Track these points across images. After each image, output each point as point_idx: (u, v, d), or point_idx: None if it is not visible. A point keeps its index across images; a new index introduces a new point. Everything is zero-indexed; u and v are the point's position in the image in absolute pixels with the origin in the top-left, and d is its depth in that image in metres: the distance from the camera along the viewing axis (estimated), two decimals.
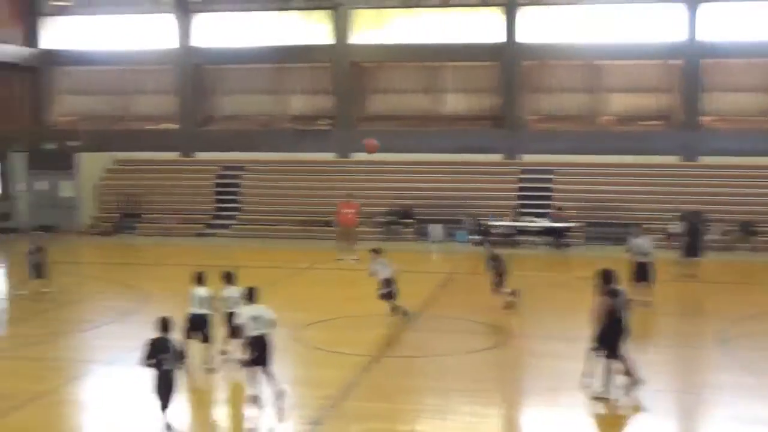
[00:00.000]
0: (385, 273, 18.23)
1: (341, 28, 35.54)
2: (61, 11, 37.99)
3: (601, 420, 12.84)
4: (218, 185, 35.10)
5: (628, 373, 13.31)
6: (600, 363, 13.28)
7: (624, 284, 14.66)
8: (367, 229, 30.98)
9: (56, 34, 38.18)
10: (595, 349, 13.31)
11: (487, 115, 35.47)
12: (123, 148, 36.62)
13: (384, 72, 36.67)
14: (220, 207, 34.39)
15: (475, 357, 16.07)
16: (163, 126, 37.70)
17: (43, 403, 13.17)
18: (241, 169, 35.45)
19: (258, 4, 36.63)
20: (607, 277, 13.56)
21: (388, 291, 18.14)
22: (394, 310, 18.25)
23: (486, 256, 20.32)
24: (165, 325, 11.56)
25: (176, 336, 12.07)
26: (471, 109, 35.70)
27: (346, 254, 26.74)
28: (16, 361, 15.69)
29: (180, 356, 11.57)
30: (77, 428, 12.72)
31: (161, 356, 11.26)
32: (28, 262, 21.39)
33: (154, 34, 37.31)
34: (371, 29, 35.85)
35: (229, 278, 15.06)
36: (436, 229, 31.42)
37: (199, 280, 14.77)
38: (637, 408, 12.91)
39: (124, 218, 34.04)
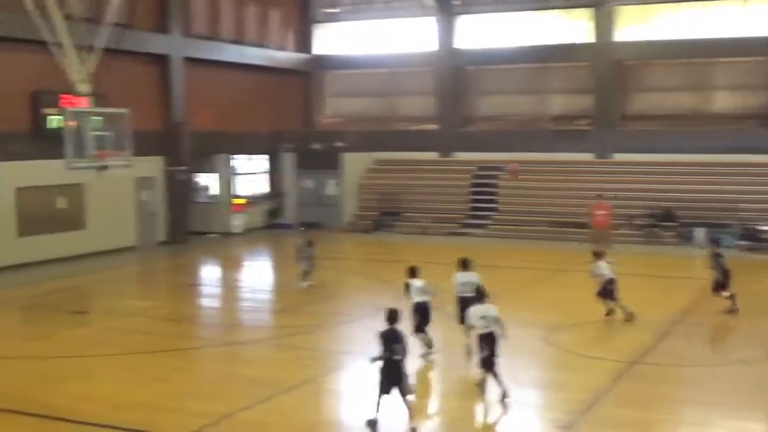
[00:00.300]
0: (607, 275, 18.32)
1: (603, 25, 34.67)
2: (330, 18, 39.86)
3: None
4: (474, 185, 35.36)
5: None
6: None
7: None
8: (625, 232, 30.15)
9: (326, 39, 40.03)
10: None
11: (759, 114, 33.37)
12: (384, 148, 37.75)
13: (647, 70, 35.44)
14: (476, 207, 34.64)
15: (738, 369, 15.13)
16: (423, 127, 38.54)
17: (304, 391, 13.79)
18: (499, 169, 35.50)
19: (518, 5, 36.57)
20: None
21: (609, 290, 18.19)
22: (611, 312, 18.30)
23: (709, 254, 19.67)
24: (393, 316, 11.86)
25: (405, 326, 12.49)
26: (741, 107, 33.70)
27: None
28: (281, 350, 16.57)
29: (407, 346, 11.78)
30: (333, 417, 13.23)
31: (393, 346, 11.53)
32: (299, 257, 22.47)
33: (416, 37, 38.25)
34: (635, 26, 34.75)
35: (464, 264, 16.01)
36: (700, 234, 29.93)
37: (413, 272, 15.70)
38: None
39: (383, 216, 35.11)
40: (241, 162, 35.82)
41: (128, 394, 13.59)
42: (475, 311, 13.17)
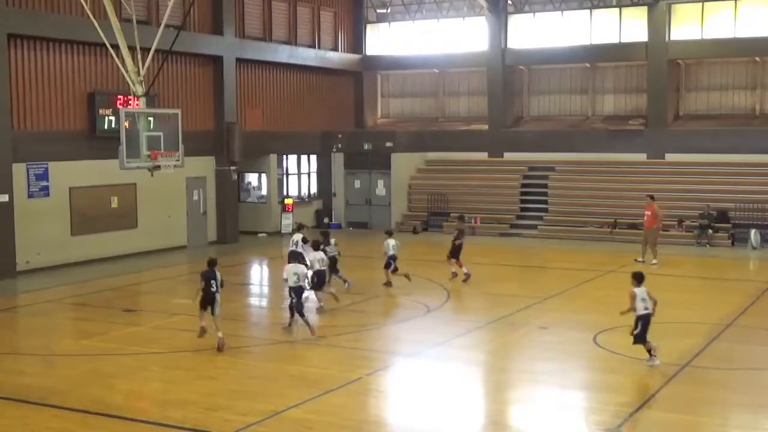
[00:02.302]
0: (389, 252, 22.15)
1: (659, 24, 34.23)
2: (382, 18, 39.95)
3: None
4: (524, 186, 35.19)
5: None
6: None
7: None
8: (675, 233, 29.86)
9: (377, 40, 40.11)
10: None
11: None
12: (434, 148, 37.79)
13: (702, 69, 35.02)
14: (525, 207, 34.46)
15: None
16: (473, 127, 38.43)
17: (351, 390, 13.81)
18: (550, 169, 35.27)
19: (570, 3, 36.31)
20: None
21: (389, 263, 22.22)
22: (389, 283, 22.29)
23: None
24: (212, 262, 16.36)
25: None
26: None
27: (648, 257, 25.98)
28: (328, 349, 16.60)
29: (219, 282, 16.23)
30: (380, 416, 13.25)
31: (211, 281, 16.01)
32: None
33: (467, 36, 38.16)
34: (690, 24, 34.24)
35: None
36: (755, 235, 29.44)
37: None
38: None
39: (432, 216, 35.09)
40: (291, 162, 36.03)
41: (177, 391, 13.77)
42: (289, 269, 17.07)
